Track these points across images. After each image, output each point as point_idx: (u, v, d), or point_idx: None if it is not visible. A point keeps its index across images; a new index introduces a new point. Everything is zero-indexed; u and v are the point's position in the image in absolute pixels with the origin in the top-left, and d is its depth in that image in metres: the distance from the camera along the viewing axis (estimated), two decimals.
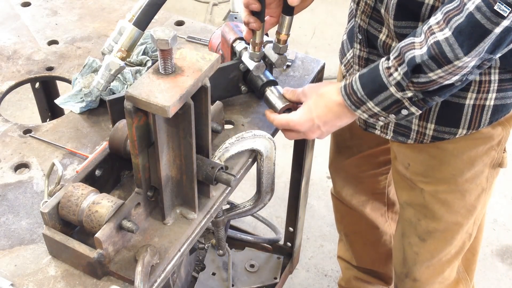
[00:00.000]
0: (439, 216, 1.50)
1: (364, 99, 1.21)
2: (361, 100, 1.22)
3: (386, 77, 1.17)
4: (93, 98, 1.46)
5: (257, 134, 1.31)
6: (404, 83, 1.15)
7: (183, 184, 1.18)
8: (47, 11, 1.85)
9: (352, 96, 1.23)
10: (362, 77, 1.22)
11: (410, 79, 1.14)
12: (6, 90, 1.57)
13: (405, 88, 1.16)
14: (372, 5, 1.30)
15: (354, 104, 1.23)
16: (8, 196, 1.28)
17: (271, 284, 2.09)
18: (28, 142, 1.41)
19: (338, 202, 1.96)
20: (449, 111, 1.33)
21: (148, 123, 1.07)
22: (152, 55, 1.55)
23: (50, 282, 1.12)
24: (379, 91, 1.19)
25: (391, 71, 1.16)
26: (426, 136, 1.38)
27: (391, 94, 1.18)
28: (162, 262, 1.13)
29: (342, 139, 1.78)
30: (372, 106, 1.21)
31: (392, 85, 1.17)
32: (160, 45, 1.00)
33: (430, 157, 1.42)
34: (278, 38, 1.36)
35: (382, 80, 1.18)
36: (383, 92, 1.19)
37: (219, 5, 4.22)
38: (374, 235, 1.97)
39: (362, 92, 1.21)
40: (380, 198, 1.89)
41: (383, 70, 1.18)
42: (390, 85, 1.17)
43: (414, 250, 1.61)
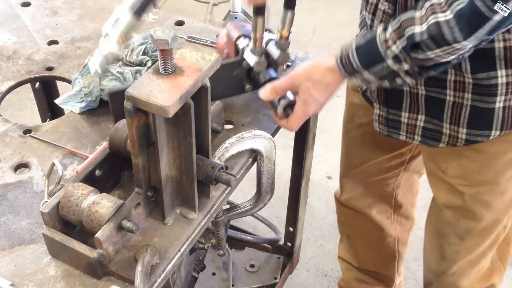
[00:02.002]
0: (480, 216, 1.50)
1: (359, 69, 1.21)
2: (356, 71, 1.22)
3: (384, 50, 1.17)
4: (93, 98, 1.46)
5: (257, 134, 1.31)
6: (402, 57, 1.15)
7: (183, 184, 1.18)
8: (47, 11, 1.85)
9: (347, 67, 1.23)
10: (359, 49, 1.21)
11: (408, 54, 1.15)
12: (6, 90, 1.57)
13: (402, 61, 1.16)
14: (391, 13, 1.29)
15: (348, 73, 1.24)
16: (8, 196, 1.28)
17: (271, 284, 2.09)
18: (28, 142, 1.41)
19: (342, 205, 1.94)
20: (480, 116, 1.32)
21: (148, 123, 1.07)
22: (152, 55, 1.55)
23: (50, 282, 1.12)
24: (376, 62, 1.19)
25: (389, 44, 1.16)
26: (459, 139, 1.37)
27: (388, 66, 1.18)
28: (162, 262, 1.13)
29: (354, 147, 1.77)
30: (367, 76, 1.22)
31: (390, 58, 1.17)
32: (160, 45, 1.00)
33: (470, 161, 1.41)
34: (280, 34, 1.35)
35: (380, 53, 1.18)
36: (380, 64, 1.19)
37: (219, 5, 4.21)
38: (378, 237, 1.96)
39: (358, 64, 1.21)
40: (388, 200, 1.87)
41: (381, 43, 1.17)
42: (387, 57, 1.17)
43: (454, 249, 1.61)
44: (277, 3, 1.37)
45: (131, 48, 1.55)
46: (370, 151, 1.70)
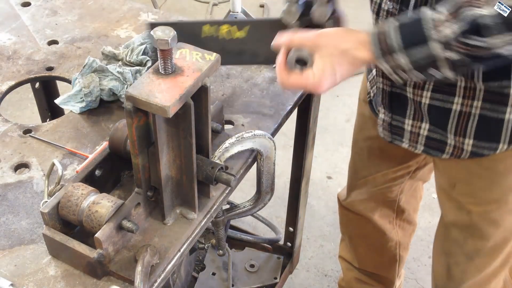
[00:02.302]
0: (488, 235, 1.45)
1: (397, 48, 1.07)
2: (392, 49, 1.07)
3: (433, 31, 1.03)
4: (93, 98, 1.46)
5: (257, 134, 1.31)
6: (454, 43, 1.02)
7: (183, 184, 1.18)
8: (47, 11, 1.85)
9: (384, 43, 1.08)
10: (403, 26, 1.07)
11: (462, 40, 1.01)
12: (6, 90, 1.57)
13: (453, 48, 1.02)
14: (395, 13, 1.22)
15: (382, 51, 1.09)
16: (8, 196, 1.28)
17: (271, 284, 2.09)
18: (28, 142, 1.41)
19: (345, 208, 1.92)
20: (488, 126, 1.26)
21: (148, 123, 1.07)
22: (152, 55, 1.55)
23: (50, 282, 1.12)
24: (418, 44, 1.05)
25: (441, 25, 1.02)
26: (464, 151, 1.31)
27: (431, 50, 1.04)
28: (162, 262, 1.13)
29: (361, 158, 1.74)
30: (402, 60, 1.07)
31: (438, 41, 1.03)
32: (160, 45, 1.00)
33: (478, 178, 1.37)
34: None
35: (426, 34, 1.04)
36: (422, 47, 1.04)
37: (219, 5, 4.22)
38: (380, 241, 1.95)
39: (400, 41, 1.06)
40: (390, 205, 1.86)
41: (430, 23, 1.03)
42: (435, 41, 1.03)
43: (462, 269, 1.56)
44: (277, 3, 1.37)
45: (131, 48, 1.54)
46: (376, 163, 1.68)
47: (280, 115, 1.47)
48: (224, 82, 1.58)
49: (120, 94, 1.47)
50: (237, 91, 1.55)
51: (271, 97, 1.53)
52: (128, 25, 1.79)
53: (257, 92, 1.55)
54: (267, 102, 1.51)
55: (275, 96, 1.53)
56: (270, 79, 1.58)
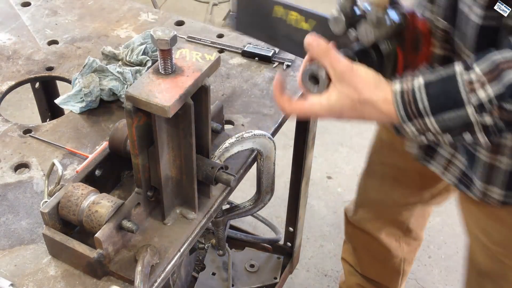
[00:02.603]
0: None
1: (425, 113, 0.96)
2: (419, 113, 0.96)
3: (466, 93, 0.92)
4: (93, 98, 1.46)
5: (257, 134, 1.31)
6: (489, 106, 0.91)
7: (183, 184, 1.18)
8: (47, 11, 1.85)
9: (410, 106, 0.97)
10: (431, 86, 0.96)
11: (500, 104, 0.91)
12: (6, 90, 1.57)
13: (488, 112, 0.92)
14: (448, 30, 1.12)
15: (408, 115, 0.97)
16: (8, 196, 1.28)
17: (271, 284, 2.09)
18: (28, 142, 1.41)
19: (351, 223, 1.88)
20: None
21: (148, 123, 1.07)
22: (152, 55, 1.55)
23: (50, 282, 1.12)
24: (450, 108, 0.94)
25: (475, 87, 0.92)
26: (492, 199, 1.20)
27: (466, 115, 0.93)
28: (162, 262, 1.13)
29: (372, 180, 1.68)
30: (431, 123, 0.96)
31: (472, 105, 0.92)
32: (160, 45, 1.00)
33: (510, 230, 1.26)
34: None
35: (459, 97, 0.93)
36: (455, 111, 0.94)
37: (219, 5, 4.22)
38: (385, 255, 1.90)
39: (426, 104, 0.95)
40: (399, 226, 1.79)
41: (464, 83, 0.93)
42: (469, 104, 0.92)
43: None
44: None
45: (131, 48, 1.55)
46: (388, 189, 1.63)
47: (280, 115, 1.47)
48: (224, 82, 1.58)
49: (120, 94, 1.47)
50: (237, 91, 1.55)
51: (271, 97, 1.53)
52: (128, 25, 1.79)
53: (257, 92, 1.55)
54: (267, 102, 1.51)
55: None
56: (270, 79, 1.58)
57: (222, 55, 1.66)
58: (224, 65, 1.63)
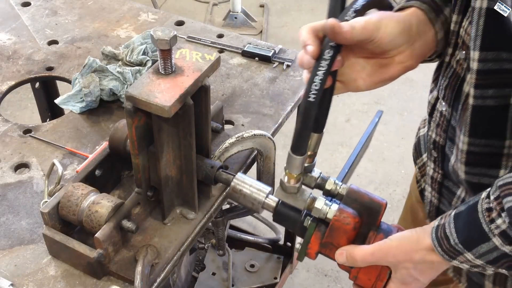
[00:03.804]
0: None
1: (460, 249, 0.88)
2: (455, 250, 0.89)
3: (486, 223, 0.85)
4: (93, 98, 1.46)
5: (257, 134, 1.31)
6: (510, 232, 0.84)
7: (183, 184, 1.18)
8: (47, 11, 1.85)
9: (443, 242, 0.90)
10: (458, 218, 0.89)
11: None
12: (6, 90, 1.57)
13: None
14: (448, 117, 1.04)
15: (447, 253, 0.90)
16: (8, 196, 1.28)
17: (271, 284, 2.09)
18: (28, 142, 1.41)
19: None
20: None
21: (148, 123, 1.07)
22: (152, 55, 1.55)
23: (50, 282, 1.12)
24: (479, 241, 0.86)
25: (493, 215, 0.84)
26: None
27: (495, 246, 0.85)
28: (162, 262, 1.13)
29: None
30: (472, 258, 0.88)
31: (496, 235, 0.84)
32: (160, 45, 1.00)
33: None
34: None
35: (482, 226, 0.85)
36: (485, 243, 0.86)
37: (219, 5, 4.22)
38: None
39: (456, 239, 0.88)
40: None
41: (483, 212, 0.85)
42: (492, 234, 0.84)
43: None
44: (277, 3, 1.36)
45: (131, 48, 1.55)
46: None
47: (280, 115, 1.47)
48: (224, 82, 1.58)
49: (120, 94, 1.47)
50: (237, 91, 1.55)
51: (271, 97, 1.53)
52: (128, 25, 1.79)
53: (257, 92, 1.55)
54: (267, 102, 1.51)
55: (275, 96, 1.53)
56: (270, 79, 1.59)
57: (222, 55, 1.66)
58: (224, 65, 1.63)
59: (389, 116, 3.27)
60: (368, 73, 0.98)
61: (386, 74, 0.99)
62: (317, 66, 0.90)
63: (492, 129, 0.94)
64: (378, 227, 1.00)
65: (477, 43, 0.88)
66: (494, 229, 0.84)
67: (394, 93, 3.44)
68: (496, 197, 0.84)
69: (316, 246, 1.02)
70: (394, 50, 0.97)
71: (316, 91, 0.89)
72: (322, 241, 1.01)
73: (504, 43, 0.87)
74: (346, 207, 1.00)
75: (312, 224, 1.02)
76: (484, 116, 0.94)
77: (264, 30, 3.88)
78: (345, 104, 3.35)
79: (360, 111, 3.32)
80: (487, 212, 0.85)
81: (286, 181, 1.02)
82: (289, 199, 1.05)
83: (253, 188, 1.11)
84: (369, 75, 0.99)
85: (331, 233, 0.99)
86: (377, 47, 0.94)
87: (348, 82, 1.00)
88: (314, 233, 1.01)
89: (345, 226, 0.98)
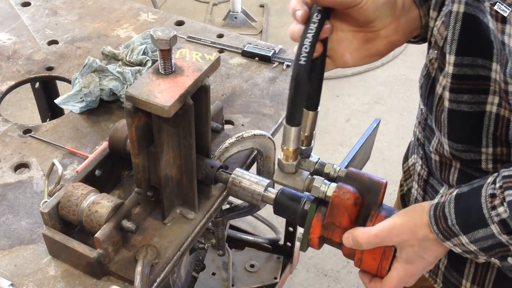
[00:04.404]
0: None
1: (456, 231, 0.87)
2: (451, 231, 0.87)
3: (488, 209, 0.83)
4: (93, 98, 1.46)
5: (257, 134, 1.31)
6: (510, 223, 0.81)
7: (183, 184, 1.18)
8: (47, 11, 1.85)
9: (440, 221, 0.88)
10: (459, 199, 0.87)
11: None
12: (6, 90, 1.57)
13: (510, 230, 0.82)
14: (425, 116, 1.04)
15: (442, 233, 0.89)
16: (8, 196, 1.28)
17: (271, 284, 2.09)
18: (28, 142, 1.41)
19: None
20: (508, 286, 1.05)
21: (148, 123, 1.07)
22: (152, 55, 1.55)
23: (50, 282, 1.12)
24: (477, 226, 0.84)
25: (495, 202, 0.82)
26: None
27: (492, 234, 0.83)
28: (162, 262, 1.13)
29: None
30: (467, 243, 0.87)
31: (495, 223, 0.82)
32: (160, 45, 1.00)
33: None
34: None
35: (482, 211, 0.83)
36: (482, 229, 0.84)
37: (219, 5, 4.22)
38: None
39: (453, 220, 0.86)
40: None
41: (486, 197, 0.83)
42: (491, 221, 0.82)
43: None
44: (277, 3, 1.36)
45: (131, 48, 1.55)
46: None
47: (280, 115, 1.47)
48: (224, 82, 1.58)
49: (120, 94, 1.47)
50: (237, 91, 1.55)
51: (271, 97, 1.53)
52: (128, 25, 1.79)
53: (257, 92, 1.55)
54: (267, 102, 1.51)
55: (275, 96, 1.53)
56: (270, 79, 1.59)
57: (222, 55, 1.66)
58: (224, 65, 1.63)
59: (389, 116, 3.27)
60: (355, 48, 0.98)
61: (373, 48, 0.99)
62: (306, 29, 0.90)
63: (468, 135, 0.93)
64: (380, 207, 1.00)
65: (453, 47, 0.88)
66: (495, 216, 0.82)
67: (394, 93, 3.44)
68: (500, 185, 0.82)
69: (318, 229, 1.01)
70: (378, 22, 0.96)
71: (306, 53, 0.90)
72: (324, 223, 1.00)
73: (480, 49, 0.86)
74: (345, 184, 1.00)
75: (313, 206, 1.02)
76: (459, 121, 0.93)
77: (264, 30, 3.89)
78: (345, 104, 3.35)
79: (360, 111, 3.32)
80: (490, 197, 0.82)
81: (283, 158, 1.02)
82: (288, 180, 1.05)
83: (252, 181, 1.12)
84: (356, 49, 0.98)
85: (332, 212, 0.99)
86: (361, 15, 0.94)
87: (336, 57, 1.00)
88: (315, 215, 1.01)
89: (346, 202, 0.98)
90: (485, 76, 0.87)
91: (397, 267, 0.96)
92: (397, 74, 3.58)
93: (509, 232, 0.81)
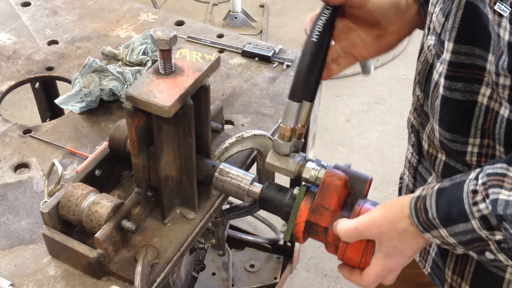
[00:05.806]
0: None
1: (436, 224, 0.88)
2: (431, 223, 0.89)
3: (469, 204, 0.83)
4: (93, 98, 1.46)
5: (257, 134, 1.31)
6: (493, 221, 0.81)
7: (183, 184, 1.18)
8: (47, 11, 1.85)
9: (421, 214, 0.89)
10: (440, 193, 0.88)
11: (500, 219, 0.81)
12: (6, 90, 1.57)
13: (494, 227, 0.82)
14: (421, 102, 1.05)
15: (422, 225, 0.90)
16: (8, 196, 1.28)
17: (271, 284, 2.09)
18: (28, 142, 1.41)
19: None
20: (486, 278, 1.05)
21: (148, 123, 1.07)
22: (152, 55, 1.55)
23: (50, 282, 1.12)
24: (457, 220, 0.85)
25: (477, 198, 0.83)
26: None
27: (472, 229, 0.84)
28: (162, 262, 1.13)
29: None
30: (446, 235, 0.88)
31: (476, 218, 0.83)
32: (160, 45, 1.00)
33: None
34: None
35: (463, 207, 0.84)
36: (462, 223, 0.85)
37: (219, 5, 4.21)
38: None
39: (434, 214, 0.88)
40: None
41: (468, 193, 0.84)
42: (472, 217, 0.83)
43: None
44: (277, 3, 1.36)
45: (131, 48, 1.55)
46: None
47: (280, 115, 1.47)
48: (224, 82, 1.58)
49: (120, 94, 1.47)
50: (237, 91, 1.55)
51: (271, 97, 1.53)
52: (128, 25, 1.79)
53: (257, 92, 1.55)
54: (267, 102, 1.51)
55: (275, 96, 1.53)
56: (270, 79, 1.59)
57: (222, 55, 1.66)
58: (224, 65, 1.63)
59: (389, 116, 3.27)
60: (370, 44, 1.08)
61: (384, 43, 1.09)
62: (319, 15, 0.99)
63: (457, 124, 0.95)
64: (365, 200, 1.02)
65: (453, 34, 0.90)
66: (476, 212, 0.83)
67: (394, 93, 3.44)
68: (483, 182, 0.83)
69: (305, 213, 1.02)
70: (385, 21, 1.06)
71: (319, 32, 0.98)
72: (313, 205, 1.01)
73: (479, 39, 0.87)
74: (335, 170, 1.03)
75: (303, 188, 1.04)
76: (451, 109, 0.94)
77: (264, 30, 3.89)
78: (345, 104, 3.35)
79: (360, 111, 3.32)
80: (472, 193, 0.83)
81: (280, 137, 1.04)
82: (281, 162, 1.06)
83: (238, 176, 1.14)
84: (371, 45, 1.08)
85: (322, 192, 1.01)
86: (369, 15, 1.04)
87: (355, 53, 1.09)
88: (304, 198, 1.03)
89: (337, 182, 1.00)
90: (481, 66, 0.88)
91: (375, 262, 0.98)
92: (397, 74, 3.58)
93: (489, 228, 0.82)
